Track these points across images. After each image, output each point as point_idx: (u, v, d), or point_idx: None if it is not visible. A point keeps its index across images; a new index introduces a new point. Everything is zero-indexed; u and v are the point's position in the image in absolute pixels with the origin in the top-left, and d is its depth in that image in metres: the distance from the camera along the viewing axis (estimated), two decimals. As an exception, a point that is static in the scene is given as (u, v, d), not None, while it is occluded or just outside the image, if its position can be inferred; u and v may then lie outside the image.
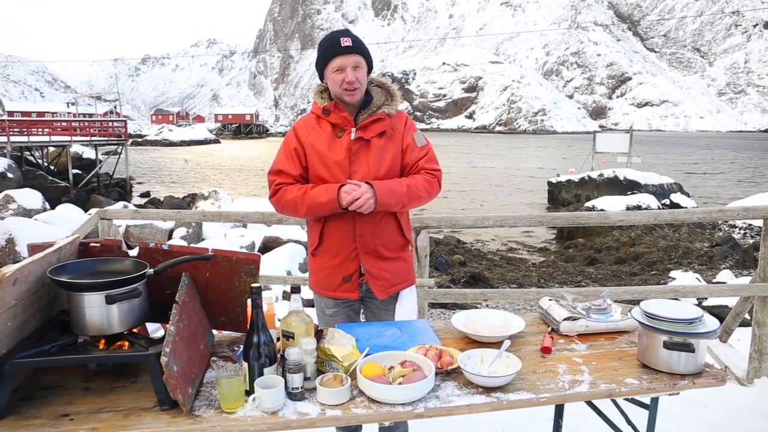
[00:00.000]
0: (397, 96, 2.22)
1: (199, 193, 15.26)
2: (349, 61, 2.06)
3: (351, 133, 2.11)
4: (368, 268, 2.16)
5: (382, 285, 2.19)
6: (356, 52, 2.07)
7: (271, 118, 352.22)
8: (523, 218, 3.55)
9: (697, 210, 3.49)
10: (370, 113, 2.14)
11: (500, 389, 1.58)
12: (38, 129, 26.73)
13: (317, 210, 2.08)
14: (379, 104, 2.17)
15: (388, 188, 2.04)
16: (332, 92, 2.14)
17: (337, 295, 2.21)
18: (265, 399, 1.44)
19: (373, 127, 2.12)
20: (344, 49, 2.06)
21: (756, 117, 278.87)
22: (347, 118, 2.12)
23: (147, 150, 65.37)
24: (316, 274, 2.26)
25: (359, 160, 2.10)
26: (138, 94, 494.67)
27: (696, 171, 40.19)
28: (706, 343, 1.70)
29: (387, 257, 2.18)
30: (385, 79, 2.25)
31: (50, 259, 1.58)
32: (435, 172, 2.18)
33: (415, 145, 2.18)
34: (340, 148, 2.11)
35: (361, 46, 2.10)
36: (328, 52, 2.09)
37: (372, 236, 2.14)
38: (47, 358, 1.47)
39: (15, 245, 7.74)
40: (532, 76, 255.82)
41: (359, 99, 2.13)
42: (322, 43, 2.14)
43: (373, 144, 2.12)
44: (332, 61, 2.08)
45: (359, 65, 2.08)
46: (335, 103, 2.13)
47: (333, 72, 2.08)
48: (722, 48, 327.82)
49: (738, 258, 11.86)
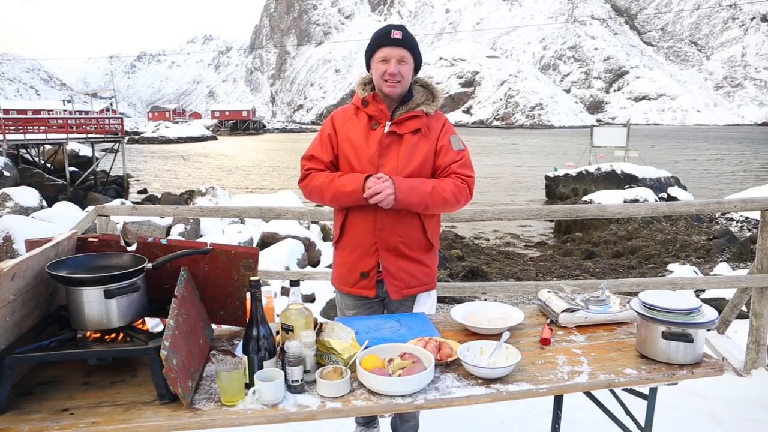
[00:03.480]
0: (439, 97, 2.21)
1: (196, 190, 15.22)
2: (395, 54, 2.06)
3: (385, 126, 2.11)
4: (386, 265, 2.13)
5: (398, 285, 2.15)
6: (404, 47, 2.07)
7: (268, 114, 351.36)
8: (520, 211, 3.55)
9: (695, 202, 3.49)
10: (408, 109, 2.12)
11: (499, 380, 1.59)
12: (34, 127, 26.60)
13: (341, 199, 2.07)
14: (418, 102, 2.15)
15: (410, 186, 2.01)
16: (375, 82, 2.13)
17: (354, 291, 2.19)
18: (265, 392, 1.44)
19: (409, 123, 2.11)
20: (393, 41, 2.06)
21: (753, 110, 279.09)
22: (384, 110, 2.11)
23: (144, 147, 65.19)
24: (337, 269, 2.26)
25: (389, 154, 2.09)
26: (134, 92, 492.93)
27: (693, 165, 40.25)
28: (705, 333, 1.71)
29: (408, 257, 2.14)
30: (430, 80, 2.24)
31: (48, 254, 1.58)
32: (467, 178, 2.14)
33: (450, 148, 2.15)
34: (372, 140, 2.10)
35: (410, 42, 2.10)
36: (376, 42, 2.10)
37: (392, 232, 2.10)
38: (47, 352, 1.47)
39: (12, 243, 7.71)
40: (529, 70, 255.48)
41: (400, 93, 2.12)
42: (374, 34, 2.15)
43: (406, 140, 2.10)
44: (379, 50, 2.08)
45: (405, 60, 2.08)
46: (374, 94, 2.13)
47: (378, 62, 2.08)
48: (719, 41, 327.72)
49: (735, 251, 11.90)
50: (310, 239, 9.66)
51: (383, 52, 2.06)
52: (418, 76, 2.22)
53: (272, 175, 34.58)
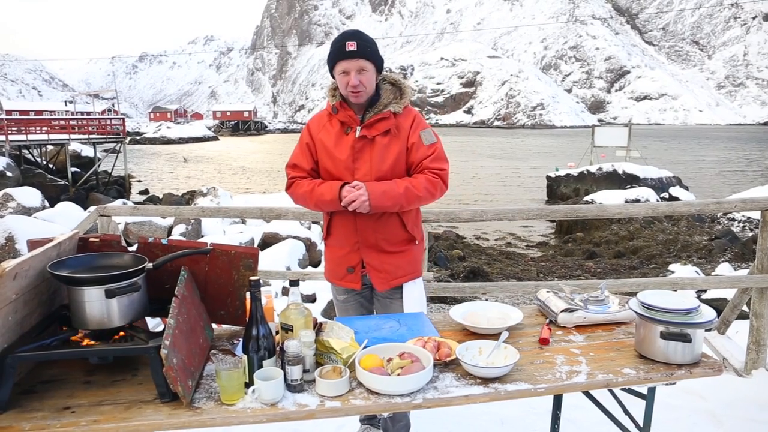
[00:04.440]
0: (407, 93, 2.24)
1: (198, 190, 15.23)
2: (353, 65, 2.09)
3: (356, 131, 2.16)
4: (369, 261, 2.23)
5: (384, 277, 2.24)
6: (360, 57, 2.10)
7: (270, 114, 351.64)
8: (521, 211, 3.55)
9: (695, 202, 3.49)
10: (375, 112, 2.17)
11: (498, 380, 1.59)
12: (36, 127, 26.63)
13: (323, 206, 2.20)
14: (386, 102, 2.19)
15: (382, 191, 2.08)
16: (341, 91, 2.18)
17: (343, 284, 2.32)
18: (265, 391, 1.45)
19: (378, 125, 2.15)
20: (348, 53, 2.09)
21: (755, 110, 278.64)
22: (353, 116, 2.17)
23: (145, 148, 65.28)
24: (327, 263, 2.38)
25: (362, 158, 2.15)
26: (136, 92, 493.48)
27: (695, 164, 40.18)
28: (703, 333, 1.71)
29: (389, 251, 2.23)
30: (398, 76, 2.26)
31: (50, 254, 1.59)
32: (440, 171, 2.18)
33: (420, 144, 2.19)
34: (345, 146, 2.16)
35: (366, 50, 2.11)
36: (334, 56, 2.14)
37: (373, 231, 2.20)
38: (48, 351, 1.48)
39: (15, 243, 7.73)
40: (531, 70, 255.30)
41: (365, 99, 2.16)
42: (331, 45, 2.17)
43: (377, 142, 2.15)
44: (338, 64, 2.12)
45: (364, 68, 2.11)
46: (341, 101, 2.18)
47: (339, 74, 2.13)
48: (721, 41, 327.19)
49: (737, 251, 11.87)
50: (311, 239, 9.66)
51: (342, 66, 2.11)
52: (385, 74, 2.25)
53: (273, 175, 34.60)
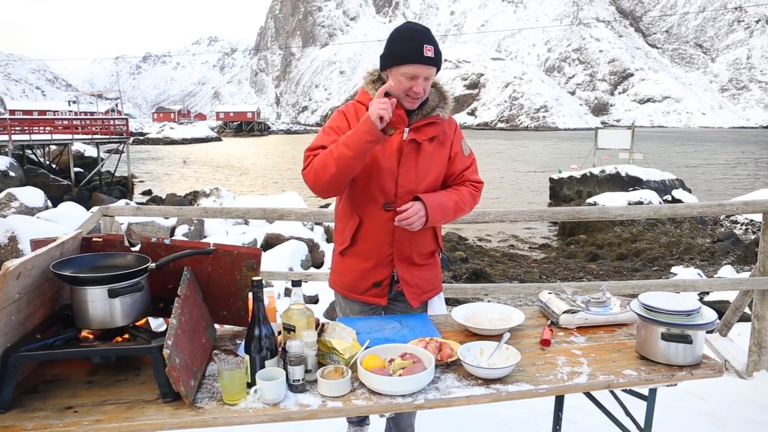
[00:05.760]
0: (449, 99, 2.10)
1: (201, 191, 15.27)
2: (426, 72, 1.90)
3: (404, 132, 1.99)
4: (402, 275, 2.09)
5: (416, 292, 2.13)
6: (434, 65, 1.92)
7: (273, 115, 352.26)
8: (523, 213, 3.55)
9: (697, 204, 3.49)
10: (424, 114, 2.02)
11: (500, 381, 1.60)
12: (40, 127, 26.69)
13: (352, 149, 1.83)
14: (433, 106, 2.04)
15: (438, 205, 1.97)
16: (394, 91, 1.94)
17: (364, 299, 2.13)
18: (267, 391, 1.46)
19: (427, 129, 2.01)
20: (426, 59, 1.89)
21: (758, 113, 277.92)
22: (403, 116, 1.98)
23: (149, 148, 65.44)
24: (342, 275, 2.16)
25: (408, 163, 1.99)
26: (139, 92, 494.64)
27: (698, 167, 40.10)
28: (704, 335, 1.71)
29: (419, 264, 2.13)
30: (439, 81, 2.09)
31: (53, 253, 1.60)
32: (478, 185, 2.13)
33: (462, 154, 2.11)
34: (390, 148, 1.97)
35: (439, 59, 1.94)
36: (406, 57, 1.89)
37: (410, 243, 2.06)
38: (51, 351, 1.49)
39: (18, 243, 7.76)
40: (534, 72, 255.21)
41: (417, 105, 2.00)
42: (400, 40, 1.93)
43: (424, 148, 2.01)
44: (408, 65, 1.89)
45: (431, 77, 1.95)
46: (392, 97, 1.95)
47: (402, 75, 1.91)
48: (724, 44, 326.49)
49: (739, 253, 11.83)
50: (314, 240, 9.68)
51: (412, 69, 1.89)
52: None
53: (276, 176, 34.64)
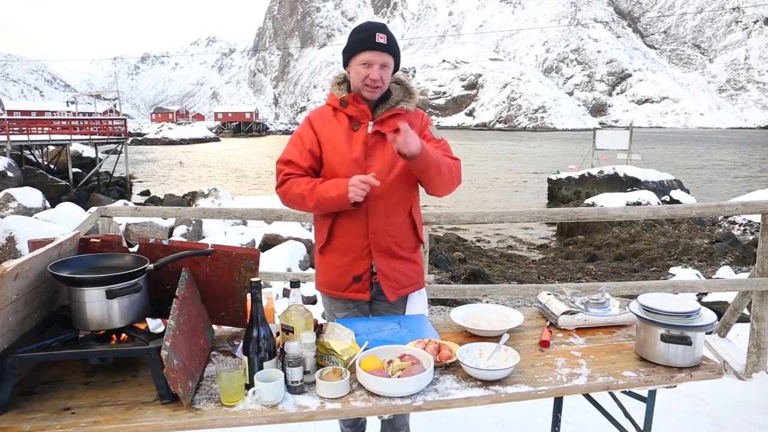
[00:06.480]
0: (415, 93, 2.16)
1: (199, 191, 15.25)
2: (379, 59, 1.99)
3: (368, 126, 2.06)
4: (380, 267, 2.09)
5: (393, 286, 2.12)
6: (388, 52, 2.01)
7: (271, 116, 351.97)
8: (522, 213, 3.55)
9: (695, 205, 3.49)
10: (388, 108, 2.09)
11: (498, 382, 1.59)
12: (38, 128, 26.69)
13: (326, 205, 2.01)
14: (397, 100, 2.12)
15: (431, 147, 1.99)
16: (353, 84, 2.07)
17: (347, 296, 2.13)
18: (265, 392, 1.45)
19: (391, 121, 2.05)
20: (377, 45, 1.99)
21: (756, 113, 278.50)
22: (365, 110, 2.06)
23: (147, 148, 65.37)
24: (324, 274, 2.18)
25: (375, 154, 2.05)
26: (137, 93, 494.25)
27: (696, 168, 40.15)
28: (704, 336, 1.71)
29: (400, 256, 2.12)
30: (405, 77, 2.18)
31: (51, 254, 1.59)
32: (455, 160, 2.14)
33: (432, 137, 2.14)
34: (356, 142, 2.05)
35: (393, 46, 2.03)
36: (359, 44, 2.01)
37: (386, 233, 2.07)
38: (49, 352, 1.48)
39: (15, 243, 7.74)
40: (532, 73, 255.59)
41: (378, 96, 2.07)
42: (356, 32, 2.06)
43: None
44: (362, 53, 2.00)
45: (387, 65, 2.02)
46: (354, 95, 2.06)
47: (359, 65, 2.01)
48: (722, 44, 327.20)
49: (738, 254, 11.85)
50: (312, 241, 9.67)
51: (366, 56, 1.99)
52: None
53: (274, 177, 34.60)
